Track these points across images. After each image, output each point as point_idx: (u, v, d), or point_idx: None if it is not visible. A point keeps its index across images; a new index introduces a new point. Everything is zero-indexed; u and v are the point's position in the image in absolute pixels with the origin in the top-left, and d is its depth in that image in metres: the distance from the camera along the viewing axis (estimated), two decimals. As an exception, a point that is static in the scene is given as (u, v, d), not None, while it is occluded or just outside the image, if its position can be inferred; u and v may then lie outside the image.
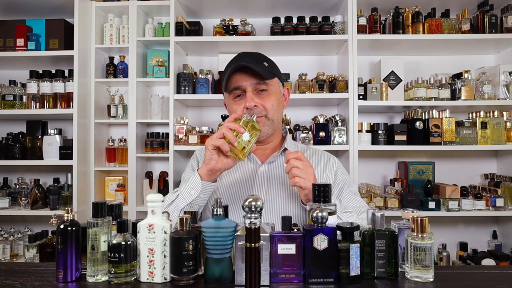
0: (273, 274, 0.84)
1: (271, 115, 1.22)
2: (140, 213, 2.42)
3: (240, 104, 1.22)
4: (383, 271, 0.87)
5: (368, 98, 2.33)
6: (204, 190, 1.12)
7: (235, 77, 1.21)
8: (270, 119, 1.22)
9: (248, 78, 1.20)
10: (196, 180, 1.13)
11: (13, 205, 2.46)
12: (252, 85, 1.20)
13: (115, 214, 0.94)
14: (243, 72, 1.20)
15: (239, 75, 1.21)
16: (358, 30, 2.30)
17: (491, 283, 0.86)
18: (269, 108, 1.21)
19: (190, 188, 1.13)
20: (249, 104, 1.18)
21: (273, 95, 1.23)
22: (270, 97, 1.22)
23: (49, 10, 2.56)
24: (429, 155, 2.60)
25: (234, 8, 2.52)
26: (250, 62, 1.18)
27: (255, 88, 1.21)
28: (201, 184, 1.12)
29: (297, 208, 1.21)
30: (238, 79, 1.21)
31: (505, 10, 2.33)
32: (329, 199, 0.93)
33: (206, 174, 1.12)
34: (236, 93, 1.23)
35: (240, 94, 1.22)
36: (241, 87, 1.21)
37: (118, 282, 0.85)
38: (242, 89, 1.21)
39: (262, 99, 1.21)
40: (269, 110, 1.21)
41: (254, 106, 1.19)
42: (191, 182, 1.14)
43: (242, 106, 1.20)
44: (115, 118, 2.53)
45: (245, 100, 1.20)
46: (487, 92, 2.31)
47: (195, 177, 1.14)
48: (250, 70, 1.19)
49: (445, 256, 2.36)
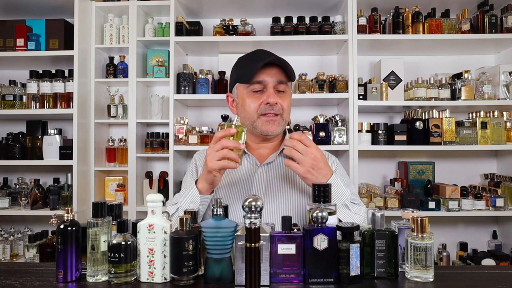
0: (273, 274, 0.84)
1: (285, 115, 1.24)
2: (140, 213, 2.42)
3: (257, 98, 1.21)
4: (383, 271, 0.87)
5: (368, 98, 2.33)
6: (203, 202, 1.14)
7: (261, 71, 1.20)
8: (284, 120, 1.24)
9: (275, 75, 1.20)
10: (194, 195, 1.13)
11: (13, 205, 2.46)
12: (275, 82, 1.21)
13: (115, 214, 0.94)
14: (270, 67, 1.20)
15: (265, 70, 1.20)
16: (358, 30, 2.30)
17: (491, 283, 0.86)
18: (285, 108, 1.23)
19: (189, 201, 1.13)
20: (272, 100, 1.19)
21: (289, 97, 1.26)
22: (287, 98, 1.24)
23: (49, 10, 2.56)
24: (429, 155, 2.60)
25: (234, 8, 2.52)
26: (281, 61, 1.19)
27: (275, 86, 1.21)
28: (199, 198, 1.13)
29: (296, 209, 1.21)
30: (264, 74, 1.20)
31: (505, 10, 2.33)
32: (329, 199, 0.93)
33: (206, 189, 1.13)
34: (256, 87, 1.21)
35: (259, 90, 1.22)
36: (264, 82, 1.21)
37: (118, 282, 0.85)
38: (264, 84, 1.21)
39: (280, 99, 1.22)
40: (285, 110, 1.23)
41: (275, 103, 1.19)
42: (190, 195, 1.14)
43: (261, 101, 1.20)
44: (115, 118, 2.53)
45: (265, 95, 1.20)
46: (487, 92, 2.31)
47: (193, 191, 1.14)
48: (274, 68, 1.20)
49: (445, 256, 2.36)
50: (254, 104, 1.21)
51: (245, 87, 1.23)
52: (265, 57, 1.20)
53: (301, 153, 1.06)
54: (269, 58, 1.19)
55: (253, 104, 1.21)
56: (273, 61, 1.19)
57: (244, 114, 1.25)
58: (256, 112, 1.21)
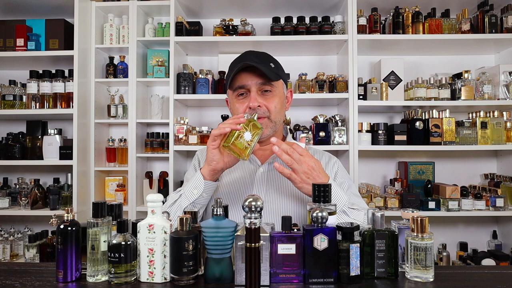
0: (273, 274, 0.84)
1: (273, 116, 1.22)
2: (140, 213, 2.42)
3: (243, 103, 1.21)
4: (383, 271, 0.87)
5: (368, 98, 2.33)
6: (206, 189, 1.13)
7: (241, 75, 1.20)
8: (272, 121, 1.22)
9: (254, 78, 1.19)
10: (199, 180, 1.13)
11: (13, 205, 2.46)
12: (257, 85, 1.20)
13: (115, 214, 0.94)
14: (249, 71, 1.19)
15: (245, 74, 1.20)
16: (358, 30, 2.30)
17: (491, 283, 0.86)
18: (272, 110, 1.21)
19: (193, 187, 1.13)
20: (253, 104, 1.18)
21: (277, 97, 1.23)
22: (274, 99, 1.22)
23: (49, 10, 2.56)
24: (429, 155, 2.60)
25: (234, 8, 2.52)
26: (257, 62, 1.17)
27: (259, 88, 1.20)
28: (203, 183, 1.12)
29: (296, 209, 1.21)
30: (244, 78, 1.20)
31: (505, 10, 2.33)
32: (329, 199, 0.93)
33: (209, 173, 1.12)
34: (240, 91, 1.22)
35: (243, 93, 1.22)
36: (246, 86, 1.20)
37: (118, 282, 0.85)
38: (247, 88, 1.20)
39: (266, 100, 1.20)
40: (272, 112, 1.21)
41: (258, 106, 1.18)
42: (194, 181, 1.14)
43: (245, 106, 1.19)
44: (115, 118, 2.53)
45: (248, 99, 1.20)
46: (487, 92, 2.31)
47: (197, 176, 1.14)
48: (256, 70, 1.18)
49: (445, 256, 2.36)
50: (241, 109, 1.21)
51: (231, 92, 1.25)
52: (244, 61, 1.18)
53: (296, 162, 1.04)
54: (243, 61, 1.17)
55: (240, 108, 1.21)
56: (246, 65, 1.17)
57: None
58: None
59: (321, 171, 1.08)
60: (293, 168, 1.05)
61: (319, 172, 1.07)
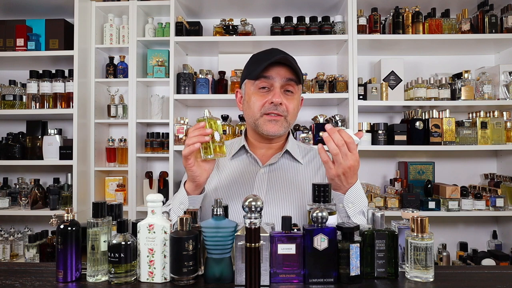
0: (273, 274, 0.84)
1: (290, 118, 1.22)
2: (140, 213, 2.42)
3: (263, 96, 1.19)
4: (383, 271, 0.87)
5: (368, 98, 2.33)
6: (192, 203, 1.13)
7: (270, 68, 1.18)
8: (288, 122, 1.22)
9: (284, 74, 1.18)
10: (183, 196, 1.13)
11: (13, 205, 2.46)
12: (283, 81, 1.19)
13: (115, 214, 0.94)
14: (279, 66, 1.18)
15: (276, 68, 1.18)
16: (358, 30, 2.30)
17: (491, 283, 0.86)
18: (290, 111, 1.20)
19: (179, 203, 1.14)
20: (276, 100, 1.16)
21: (296, 100, 1.23)
22: (293, 101, 1.22)
23: (49, 10, 2.56)
24: (429, 155, 2.60)
25: (234, 8, 2.52)
26: (290, 60, 1.16)
27: (283, 86, 1.19)
28: (188, 199, 1.13)
29: (297, 210, 1.21)
30: (272, 71, 1.18)
31: (505, 10, 2.33)
32: (329, 199, 0.93)
33: (194, 189, 1.13)
34: (263, 84, 1.19)
35: (265, 86, 1.20)
36: (272, 78, 1.18)
37: (118, 282, 0.85)
38: (271, 83, 1.19)
39: (287, 100, 1.20)
40: (290, 113, 1.21)
41: (279, 104, 1.18)
42: (180, 197, 1.14)
43: (265, 100, 1.18)
44: (115, 118, 2.53)
45: (270, 94, 1.18)
46: (487, 92, 2.31)
47: (182, 192, 1.14)
48: (286, 67, 1.18)
49: (445, 256, 2.36)
50: (259, 102, 1.19)
51: (252, 83, 1.22)
52: (276, 55, 1.17)
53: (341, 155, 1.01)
54: (279, 55, 1.16)
55: (258, 102, 1.19)
56: (282, 59, 1.16)
57: (248, 112, 1.24)
58: (260, 111, 1.20)
59: (356, 172, 1.06)
60: (336, 160, 1.01)
61: (354, 173, 1.05)
